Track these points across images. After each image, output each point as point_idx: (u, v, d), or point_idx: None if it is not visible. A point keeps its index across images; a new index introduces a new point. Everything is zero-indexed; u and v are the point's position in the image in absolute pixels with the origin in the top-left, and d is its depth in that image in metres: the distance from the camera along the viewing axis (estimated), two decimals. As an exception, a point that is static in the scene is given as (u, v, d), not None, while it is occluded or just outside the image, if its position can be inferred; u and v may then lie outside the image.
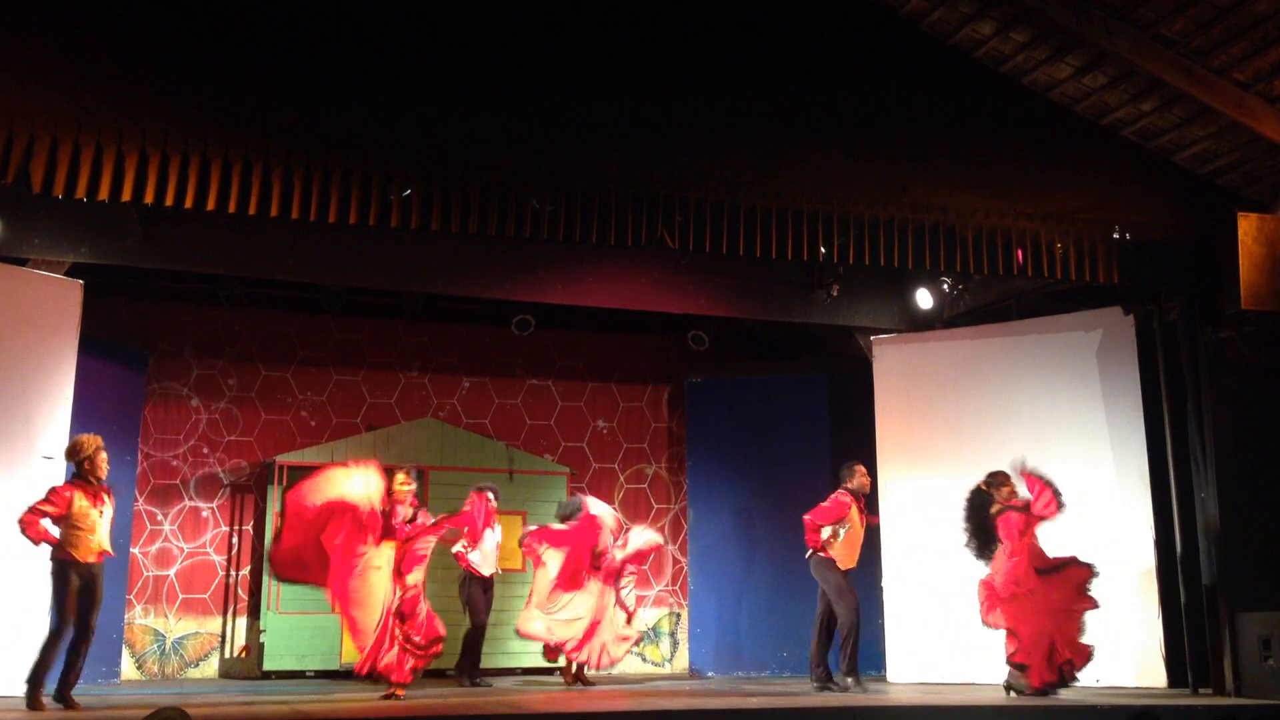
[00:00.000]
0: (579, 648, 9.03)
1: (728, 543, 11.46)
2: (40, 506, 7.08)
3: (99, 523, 7.18)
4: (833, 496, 8.90)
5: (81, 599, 7.14)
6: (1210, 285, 8.47)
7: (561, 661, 9.42)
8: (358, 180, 7.19)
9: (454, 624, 9.97)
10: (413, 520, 7.95)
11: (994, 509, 8.37)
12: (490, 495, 9.40)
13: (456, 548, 9.32)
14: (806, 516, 8.80)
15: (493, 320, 11.60)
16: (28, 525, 7.05)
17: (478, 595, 9.31)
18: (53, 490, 7.20)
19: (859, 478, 8.95)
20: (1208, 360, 8.48)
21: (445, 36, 7.61)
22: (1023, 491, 8.36)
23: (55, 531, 7.13)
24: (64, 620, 7.09)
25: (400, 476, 8.01)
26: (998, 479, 8.47)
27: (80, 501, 7.14)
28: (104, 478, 7.33)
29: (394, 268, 9.50)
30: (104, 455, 7.34)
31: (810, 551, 8.78)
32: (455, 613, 9.50)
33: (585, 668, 9.22)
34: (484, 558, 9.31)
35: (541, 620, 9.03)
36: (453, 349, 11.72)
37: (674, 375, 12.20)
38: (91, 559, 7.14)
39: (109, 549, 7.29)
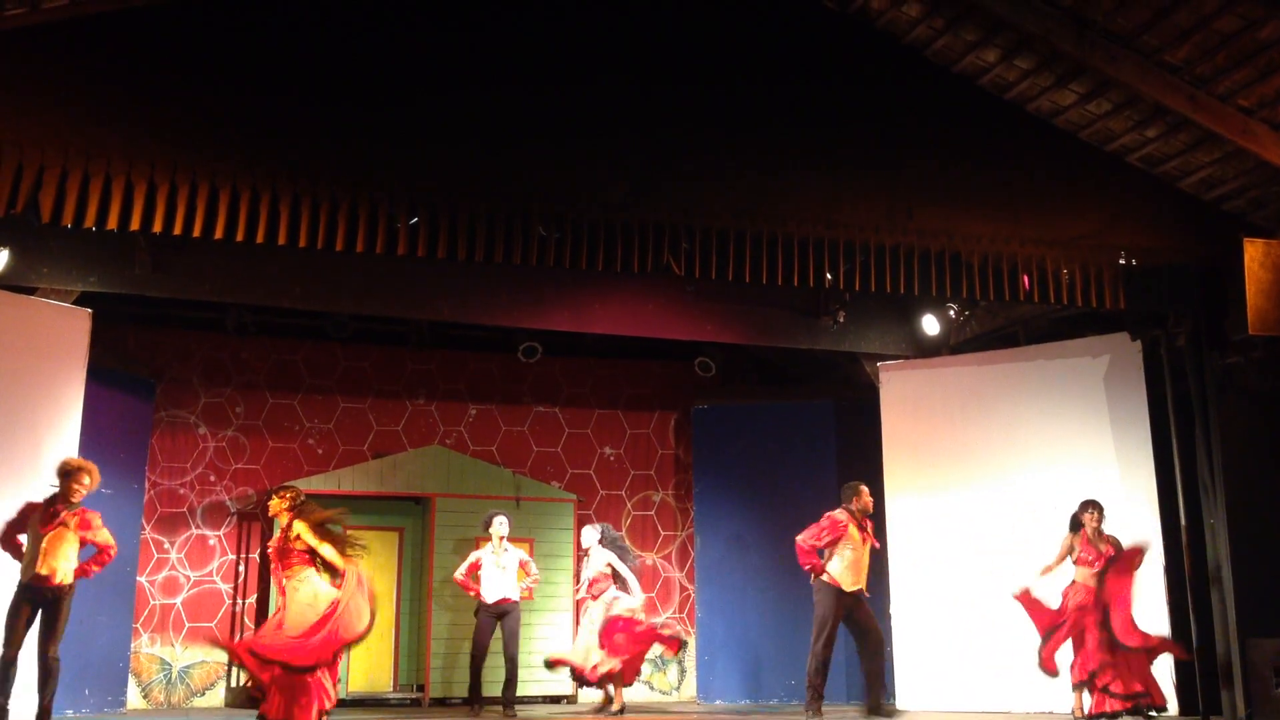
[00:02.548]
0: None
1: (735, 569, 11.42)
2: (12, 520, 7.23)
3: (41, 547, 7.11)
4: (825, 515, 8.70)
5: (26, 623, 7.14)
6: (1217, 311, 8.45)
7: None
8: (365, 208, 7.22)
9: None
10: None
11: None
12: (500, 521, 9.54)
13: (458, 575, 9.45)
14: (798, 538, 8.60)
15: (499, 347, 11.62)
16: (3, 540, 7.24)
17: (481, 622, 9.40)
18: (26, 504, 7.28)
19: (862, 498, 8.72)
20: (1215, 386, 8.46)
21: (451, 65, 7.65)
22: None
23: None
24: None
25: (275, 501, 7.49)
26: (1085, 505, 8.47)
27: (33, 519, 7.19)
28: (75, 502, 7.29)
29: (401, 295, 9.54)
30: (83, 481, 7.29)
31: (813, 576, 8.58)
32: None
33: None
34: (487, 584, 9.38)
35: None
36: (459, 376, 11.73)
37: (681, 402, 12.19)
38: (29, 579, 7.14)
39: (45, 573, 7.13)
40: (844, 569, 8.51)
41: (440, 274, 9.33)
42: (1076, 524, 8.44)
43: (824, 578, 8.52)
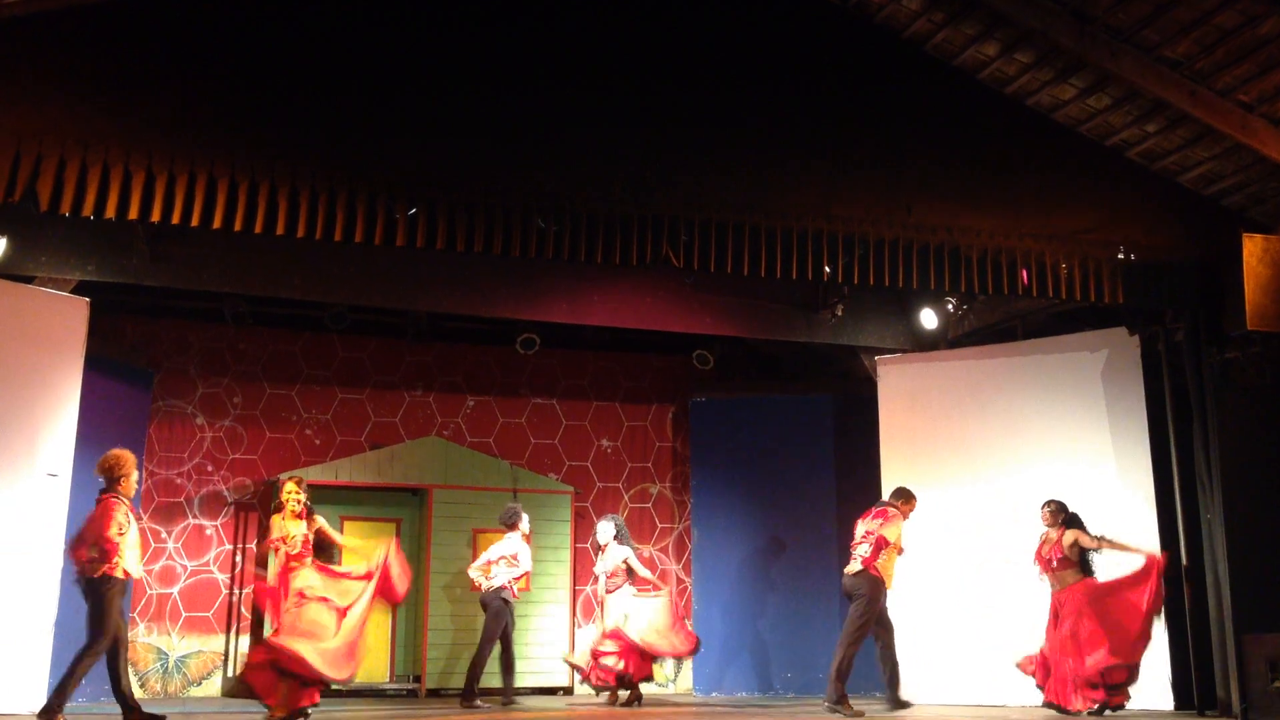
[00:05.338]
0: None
1: (732, 562, 11.44)
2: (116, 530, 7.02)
3: (135, 541, 7.19)
4: (891, 511, 8.67)
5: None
6: (1215, 306, 8.46)
7: None
8: (363, 199, 7.20)
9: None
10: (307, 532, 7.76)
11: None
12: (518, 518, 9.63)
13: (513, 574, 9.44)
14: (877, 535, 8.50)
15: (497, 339, 11.62)
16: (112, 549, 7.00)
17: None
18: (111, 508, 7.07)
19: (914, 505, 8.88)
20: (1213, 381, 8.46)
21: (451, 57, 7.63)
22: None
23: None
24: (110, 636, 7.06)
25: (289, 486, 7.82)
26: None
27: (129, 518, 7.13)
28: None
29: (399, 286, 9.53)
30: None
31: (860, 569, 8.48)
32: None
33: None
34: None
35: None
36: (457, 368, 11.73)
37: (678, 395, 12.19)
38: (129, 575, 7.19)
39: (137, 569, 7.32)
40: (892, 568, 8.58)
41: (439, 266, 9.33)
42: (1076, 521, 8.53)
43: (874, 573, 8.48)
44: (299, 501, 7.85)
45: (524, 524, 9.56)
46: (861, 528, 8.66)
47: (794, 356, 12.45)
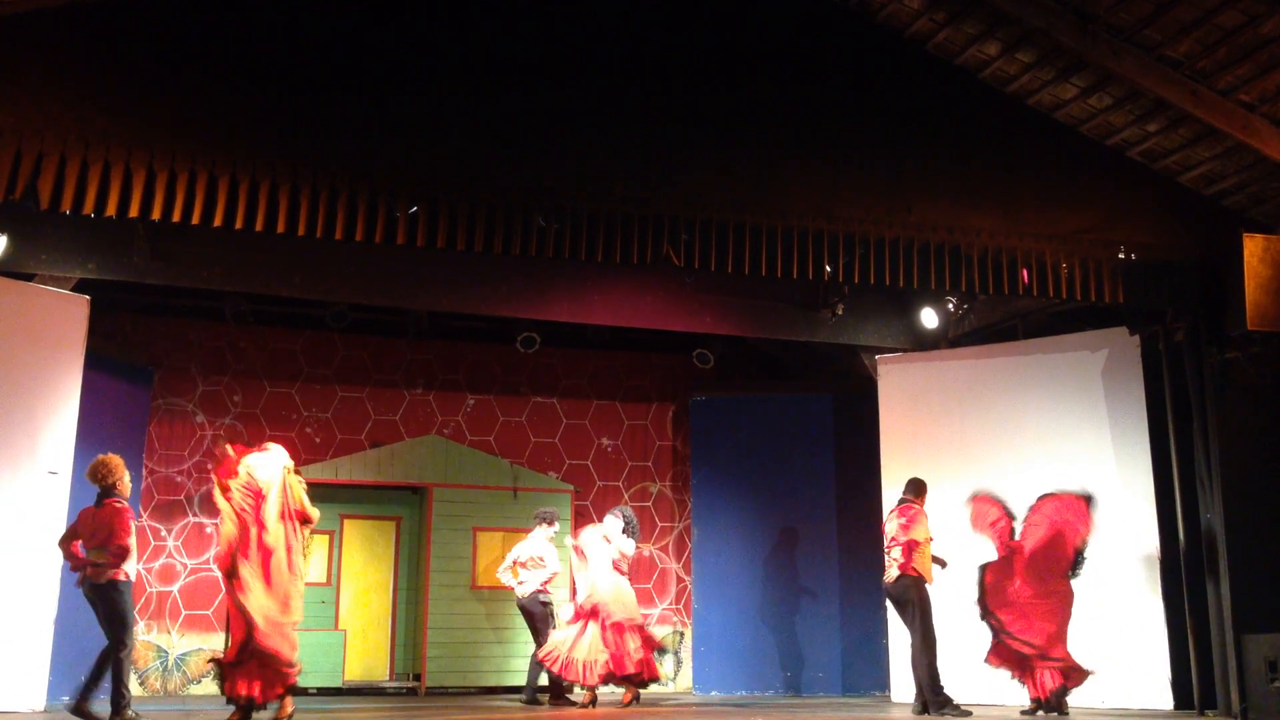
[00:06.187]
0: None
1: (732, 561, 11.44)
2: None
3: (134, 544, 7.18)
4: (912, 509, 8.50)
5: None
6: (1216, 306, 8.46)
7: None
8: (364, 197, 7.20)
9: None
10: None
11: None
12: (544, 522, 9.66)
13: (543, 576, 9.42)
14: (905, 539, 8.32)
15: (498, 338, 11.62)
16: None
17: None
18: (125, 512, 7.09)
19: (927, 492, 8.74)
20: (1213, 381, 8.46)
21: (451, 57, 7.63)
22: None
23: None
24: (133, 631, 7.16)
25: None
26: None
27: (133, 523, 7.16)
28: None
29: (400, 285, 9.53)
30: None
31: (898, 574, 8.34)
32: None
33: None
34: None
35: None
36: (458, 366, 11.73)
37: (679, 394, 12.20)
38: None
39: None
40: (930, 563, 8.50)
41: (439, 264, 9.32)
42: None
43: (913, 574, 8.35)
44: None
45: (553, 527, 9.57)
46: (889, 530, 8.57)
47: (794, 356, 12.46)
